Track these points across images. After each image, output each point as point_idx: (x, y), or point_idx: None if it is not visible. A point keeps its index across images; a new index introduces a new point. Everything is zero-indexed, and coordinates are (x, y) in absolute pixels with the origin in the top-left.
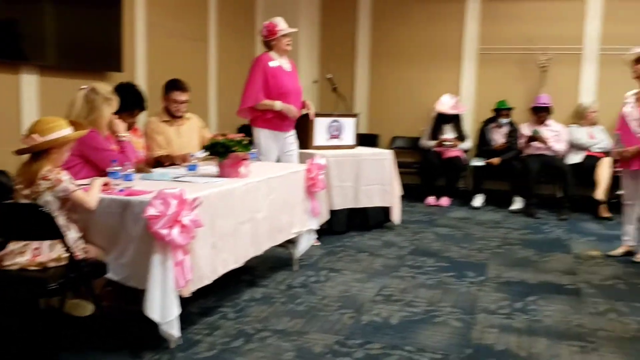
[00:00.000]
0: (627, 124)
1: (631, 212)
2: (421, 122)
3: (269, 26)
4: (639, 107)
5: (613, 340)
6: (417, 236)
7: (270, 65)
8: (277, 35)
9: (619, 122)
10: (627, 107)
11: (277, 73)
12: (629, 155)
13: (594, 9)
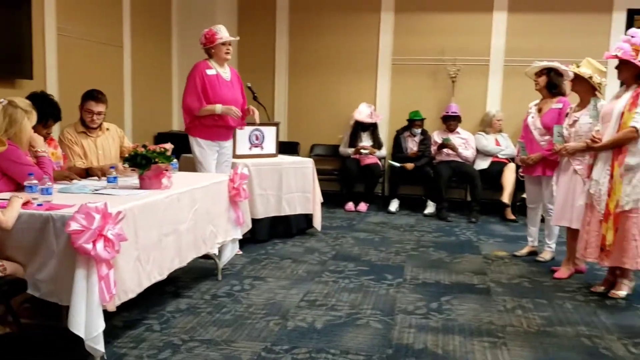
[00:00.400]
0: (530, 133)
1: (534, 215)
2: (340, 130)
3: (208, 33)
4: (540, 117)
5: (520, 335)
6: (338, 241)
7: (208, 73)
8: (216, 42)
9: (523, 131)
10: (530, 117)
11: (213, 82)
12: (532, 162)
13: (499, 23)
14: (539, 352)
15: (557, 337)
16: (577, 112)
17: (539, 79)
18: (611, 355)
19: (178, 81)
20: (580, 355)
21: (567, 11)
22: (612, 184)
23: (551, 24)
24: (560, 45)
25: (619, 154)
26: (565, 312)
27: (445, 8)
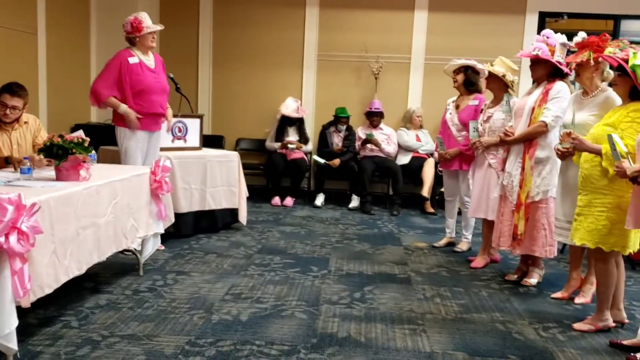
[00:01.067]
0: (448, 129)
1: (452, 207)
2: (266, 124)
3: (134, 22)
4: (457, 114)
5: (438, 322)
6: (264, 235)
7: (130, 61)
8: (143, 32)
9: (441, 127)
10: (448, 113)
11: (136, 70)
12: (450, 156)
13: (420, 22)
14: (456, 337)
15: (473, 323)
16: (491, 109)
17: (457, 76)
18: (523, 339)
19: (97, 70)
20: (494, 339)
21: (483, 12)
22: (524, 176)
23: (469, 24)
24: (477, 45)
25: (530, 147)
26: (480, 300)
27: (368, 5)
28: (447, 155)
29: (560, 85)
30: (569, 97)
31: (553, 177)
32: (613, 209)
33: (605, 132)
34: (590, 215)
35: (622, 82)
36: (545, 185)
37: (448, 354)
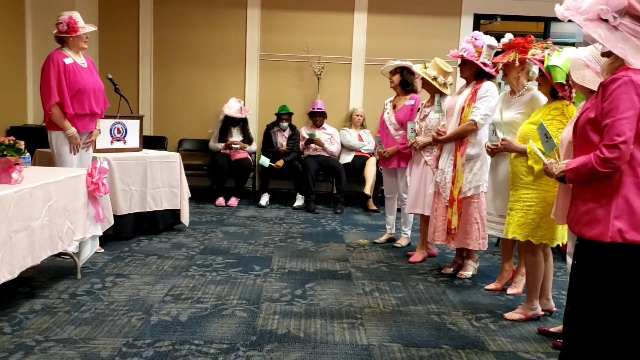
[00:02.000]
0: (386, 128)
1: (391, 204)
2: (209, 125)
3: (70, 22)
4: (395, 114)
5: (376, 315)
6: (207, 236)
7: (66, 62)
8: (79, 32)
9: (380, 126)
10: (386, 113)
11: (72, 70)
12: (388, 155)
13: (360, 24)
14: (392, 330)
15: (409, 315)
16: (427, 108)
17: (393, 77)
18: (456, 329)
19: (33, 71)
20: (429, 330)
21: (421, 14)
22: (456, 172)
23: (407, 26)
24: (415, 46)
25: (461, 145)
26: (417, 293)
27: (309, 7)
28: (386, 154)
29: (488, 85)
30: (497, 96)
31: (484, 173)
32: (540, 203)
33: (531, 130)
34: (520, 210)
35: (544, 82)
36: (476, 181)
37: (384, 346)
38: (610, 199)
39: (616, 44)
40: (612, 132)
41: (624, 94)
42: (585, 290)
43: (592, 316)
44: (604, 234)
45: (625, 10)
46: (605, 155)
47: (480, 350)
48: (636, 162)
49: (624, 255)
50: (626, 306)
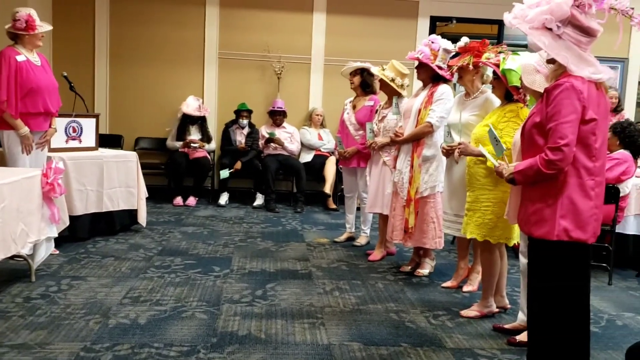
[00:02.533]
0: (346, 128)
1: (351, 204)
2: (167, 123)
3: (29, 20)
4: (355, 114)
5: (337, 314)
6: (165, 237)
7: (18, 59)
8: (36, 31)
9: (340, 126)
10: (346, 113)
11: (26, 68)
12: (349, 155)
13: (319, 24)
14: (352, 328)
15: (369, 314)
16: (385, 109)
17: (353, 78)
18: (414, 327)
19: None
20: (388, 329)
21: (378, 15)
22: (413, 173)
23: (365, 27)
24: (374, 47)
25: (418, 146)
26: (377, 291)
27: (268, 6)
28: (346, 154)
29: (443, 88)
30: (452, 99)
31: (439, 174)
32: (498, 203)
33: (485, 132)
34: (478, 211)
35: (498, 85)
36: (432, 182)
37: (344, 345)
38: (555, 199)
39: (559, 52)
40: (556, 136)
41: (566, 99)
42: (534, 286)
43: (546, 313)
44: (551, 232)
45: (568, 20)
46: (549, 158)
47: (438, 347)
48: (580, 164)
49: (570, 253)
50: (572, 301)
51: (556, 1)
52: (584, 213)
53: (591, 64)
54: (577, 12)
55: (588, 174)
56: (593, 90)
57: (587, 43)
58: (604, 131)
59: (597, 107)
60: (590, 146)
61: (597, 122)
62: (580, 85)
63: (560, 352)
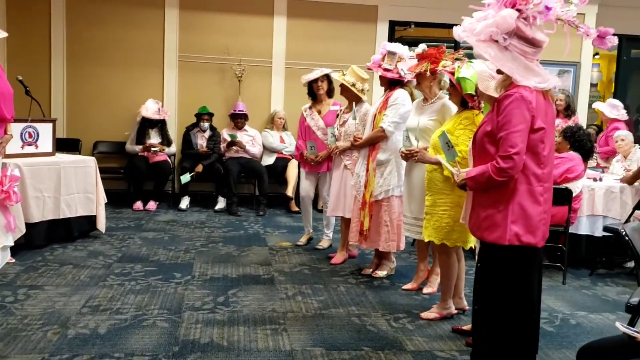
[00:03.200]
0: (314, 133)
1: (309, 206)
2: (126, 127)
3: None
4: (322, 119)
5: (299, 320)
6: (125, 243)
7: None
8: None
9: (304, 132)
10: (310, 119)
11: None
12: (321, 159)
13: (280, 27)
14: (315, 334)
15: (331, 318)
16: (346, 114)
17: (322, 83)
18: (376, 330)
19: None
20: (350, 333)
21: (339, 19)
22: (368, 176)
23: (326, 31)
24: (334, 51)
25: (373, 150)
26: (339, 295)
27: (228, 9)
28: (319, 159)
29: (397, 93)
30: (407, 103)
31: (393, 178)
32: (454, 207)
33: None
34: (436, 214)
35: (454, 92)
36: (386, 185)
37: (307, 351)
38: (507, 205)
39: (505, 63)
40: (506, 144)
41: (516, 109)
42: (486, 289)
43: (496, 315)
44: (503, 237)
45: (513, 32)
46: (500, 165)
47: (399, 350)
48: (529, 172)
49: (521, 256)
50: (521, 303)
51: (502, 14)
52: (533, 218)
53: (537, 74)
54: (523, 24)
55: (537, 181)
56: (541, 100)
57: (534, 53)
58: (551, 139)
59: (545, 116)
60: (539, 154)
61: (545, 130)
62: (529, 96)
63: (505, 352)
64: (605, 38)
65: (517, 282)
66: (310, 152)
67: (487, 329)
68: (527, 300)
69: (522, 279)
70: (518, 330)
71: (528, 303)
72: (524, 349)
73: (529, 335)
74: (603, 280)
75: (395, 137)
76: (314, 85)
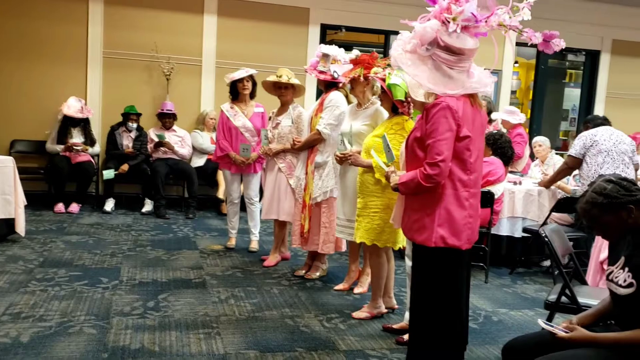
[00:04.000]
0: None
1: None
2: (46, 125)
3: None
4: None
5: (232, 323)
6: (47, 247)
7: None
8: None
9: (228, 133)
10: (237, 120)
11: None
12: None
13: (210, 26)
14: (248, 336)
15: (264, 320)
16: (279, 116)
17: (247, 84)
18: (309, 331)
19: None
20: (283, 334)
21: (270, 21)
22: (307, 179)
23: (257, 31)
24: (266, 52)
25: (311, 153)
26: (272, 297)
27: (157, 6)
28: (251, 161)
29: (333, 95)
30: (342, 105)
31: (331, 179)
32: (385, 209)
33: (375, 143)
34: (367, 216)
35: (385, 98)
36: (325, 187)
37: (241, 354)
38: (434, 209)
39: (417, 73)
40: (433, 152)
41: (442, 117)
42: (417, 286)
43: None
44: (429, 239)
45: (435, 42)
46: (427, 172)
47: (332, 350)
48: (455, 177)
49: (446, 257)
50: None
51: (423, 26)
52: (458, 222)
53: (456, 81)
54: (446, 34)
55: (463, 186)
56: (468, 108)
57: (457, 61)
58: (478, 147)
59: (472, 124)
60: (465, 161)
61: (471, 138)
62: (456, 105)
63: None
64: (550, 42)
65: (443, 280)
66: (243, 154)
67: (419, 323)
68: (454, 297)
69: (448, 278)
70: (446, 325)
71: (454, 300)
72: (453, 342)
73: (457, 330)
74: (522, 279)
75: (332, 139)
76: (239, 85)
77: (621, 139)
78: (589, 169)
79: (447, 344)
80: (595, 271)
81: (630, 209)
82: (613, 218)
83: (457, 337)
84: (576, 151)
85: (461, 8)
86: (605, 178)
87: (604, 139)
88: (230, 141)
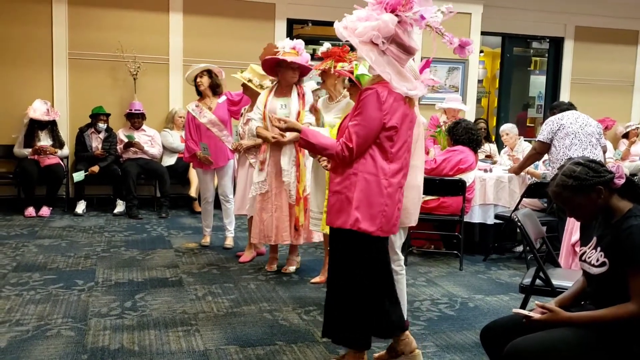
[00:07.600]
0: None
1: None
2: (13, 129)
3: None
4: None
5: (211, 320)
6: (19, 251)
7: None
8: None
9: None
10: (202, 117)
11: None
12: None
13: (176, 24)
14: (228, 332)
15: (243, 316)
16: (249, 112)
17: (202, 79)
18: (288, 324)
19: None
20: (263, 329)
21: (236, 17)
22: (300, 171)
23: (223, 28)
24: (232, 48)
25: None
26: (249, 292)
27: (120, 4)
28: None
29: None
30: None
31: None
32: None
33: None
34: None
35: (354, 91)
36: None
37: (221, 349)
38: (352, 192)
39: (384, 69)
40: (352, 135)
41: (368, 103)
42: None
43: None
44: (346, 222)
45: (392, 37)
46: (342, 150)
47: (311, 342)
48: (377, 164)
49: (360, 242)
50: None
51: (383, 19)
52: (374, 207)
53: (408, 80)
54: (401, 31)
55: (383, 174)
56: (400, 102)
57: (406, 60)
58: (404, 139)
59: (401, 118)
60: (387, 150)
61: (397, 130)
62: (384, 95)
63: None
64: (465, 47)
65: (357, 265)
66: (204, 152)
67: (334, 306)
68: (368, 284)
69: (362, 263)
70: (361, 310)
71: (369, 286)
72: (370, 327)
73: (372, 315)
74: (496, 265)
75: None
76: (196, 82)
77: (587, 122)
78: (558, 152)
79: (363, 328)
80: (567, 254)
81: (600, 190)
82: (584, 199)
83: (375, 323)
84: (544, 136)
85: (418, 8)
86: (574, 161)
87: (570, 122)
88: (200, 139)
